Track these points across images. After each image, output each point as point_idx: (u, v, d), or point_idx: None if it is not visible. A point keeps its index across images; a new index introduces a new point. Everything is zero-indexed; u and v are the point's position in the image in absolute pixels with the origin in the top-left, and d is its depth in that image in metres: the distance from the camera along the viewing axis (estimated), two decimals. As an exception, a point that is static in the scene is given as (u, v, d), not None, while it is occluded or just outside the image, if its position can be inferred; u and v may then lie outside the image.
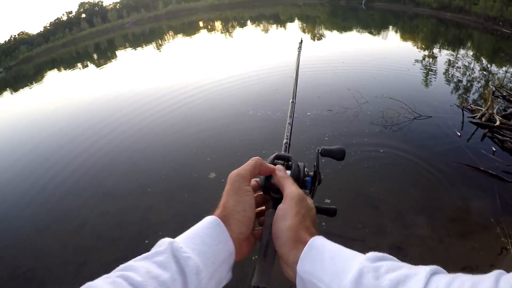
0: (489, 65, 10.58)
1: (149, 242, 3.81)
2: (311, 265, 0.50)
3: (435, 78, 8.94)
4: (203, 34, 28.55)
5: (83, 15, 49.98)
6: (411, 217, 3.92)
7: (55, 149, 7.26)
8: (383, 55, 11.41)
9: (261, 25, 28.79)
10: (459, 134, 5.55)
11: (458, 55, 11.89)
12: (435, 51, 12.92)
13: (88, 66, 22.06)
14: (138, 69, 15.94)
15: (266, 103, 7.51)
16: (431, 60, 11.10)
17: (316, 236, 0.53)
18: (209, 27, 33.33)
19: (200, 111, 7.93)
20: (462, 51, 12.77)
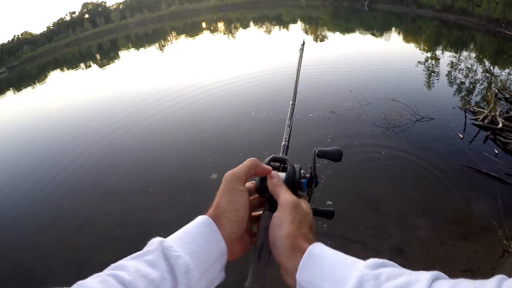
0: (491, 67, 10.54)
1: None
2: (310, 274, 0.50)
3: (438, 80, 8.91)
4: (206, 35, 28.61)
5: (86, 16, 50.18)
6: (412, 219, 3.91)
7: (57, 148, 7.29)
8: (385, 57, 11.39)
9: (264, 26, 28.83)
10: (461, 136, 5.53)
11: (460, 57, 11.85)
12: (438, 53, 12.89)
13: (91, 66, 22.16)
14: (141, 69, 15.99)
15: (268, 104, 7.51)
16: (433, 62, 11.07)
17: (314, 243, 0.53)
18: (212, 28, 33.41)
19: (203, 112, 7.95)
20: (464, 53, 12.73)
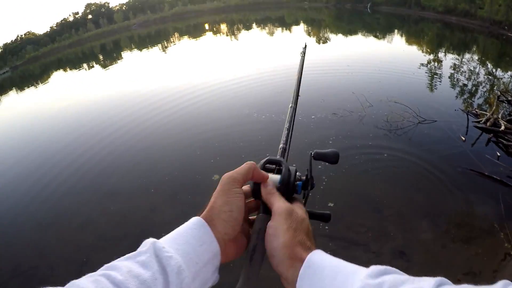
0: (494, 70, 10.52)
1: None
2: (310, 284, 0.49)
3: (440, 82, 8.90)
4: (209, 36, 28.68)
5: (90, 16, 50.40)
6: (414, 221, 3.90)
7: (58, 148, 7.32)
8: (388, 59, 11.39)
9: (266, 28, 28.86)
10: (463, 138, 5.52)
11: (463, 59, 11.84)
12: (440, 55, 12.88)
13: (93, 66, 22.25)
14: (143, 70, 16.04)
15: (270, 105, 7.51)
16: (436, 64, 11.06)
17: (313, 251, 0.52)
18: (214, 29, 33.49)
19: (205, 113, 7.97)
20: (467, 55, 12.72)
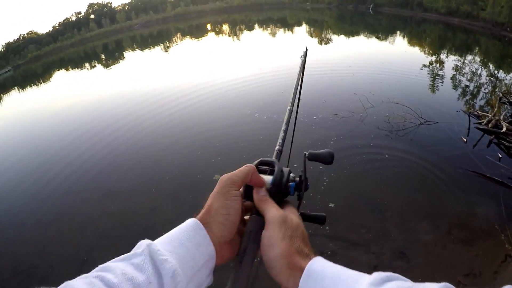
0: (496, 71, 10.50)
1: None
2: None
3: (442, 83, 8.89)
4: (211, 36, 28.69)
5: (92, 16, 50.52)
6: (415, 222, 3.90)
7: (60, 147, 7.34)
8: (390, 60, 11.37)
9: (268, 29, 28.87)
10: (465, 140, 5.51)
11: (465, 61, 11.81)
12: (442, 56, 12.85)
13: (96, 66, 22.31)
14: (145, 70, 16.07)
15: (272, 105, 7.51)
16: (438, 65, 11.05)
17: (313, 258, 0.51)
18: (217, 29, 33.51)
19: (206, 112, 7.97)
20: (469, 57, 12.69)
